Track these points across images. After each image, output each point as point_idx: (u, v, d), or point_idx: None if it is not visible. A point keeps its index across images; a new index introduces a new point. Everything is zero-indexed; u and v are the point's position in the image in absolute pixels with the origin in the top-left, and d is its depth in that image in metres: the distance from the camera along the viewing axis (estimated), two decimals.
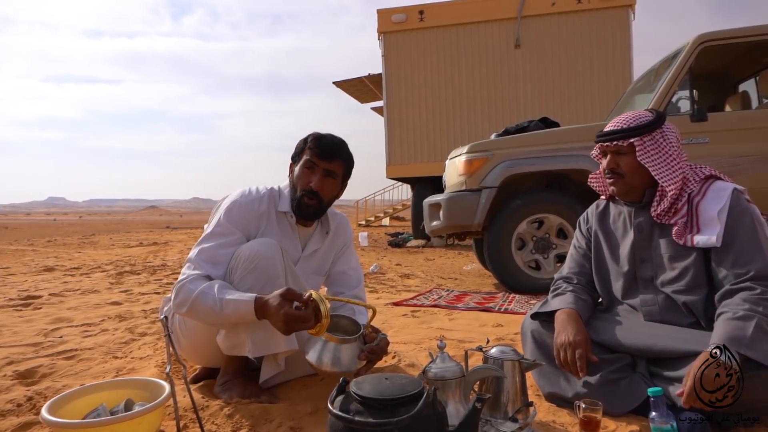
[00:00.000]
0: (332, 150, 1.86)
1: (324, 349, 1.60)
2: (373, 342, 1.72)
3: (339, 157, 1.88)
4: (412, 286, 4.91)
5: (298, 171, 1.89)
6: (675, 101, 4.08)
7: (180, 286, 1.69)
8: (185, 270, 1.73)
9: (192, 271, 1.71)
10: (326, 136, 1.89)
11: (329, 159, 1.86)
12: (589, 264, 1.90)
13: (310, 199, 1.86)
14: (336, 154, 1.87)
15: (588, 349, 1.59)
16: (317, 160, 1.85)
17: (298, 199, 1.87)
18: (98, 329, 2.98)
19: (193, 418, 1.58)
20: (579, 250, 1.94)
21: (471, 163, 4.37)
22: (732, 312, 1.42)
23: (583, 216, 1.97)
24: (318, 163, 1.85)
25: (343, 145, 1.91)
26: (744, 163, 3.79)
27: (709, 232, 1.56)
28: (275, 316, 1.55)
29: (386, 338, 1.81)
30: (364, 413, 1.07)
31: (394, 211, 21.50)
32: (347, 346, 1.61)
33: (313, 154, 1.85)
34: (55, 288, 4.61)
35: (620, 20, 12.12)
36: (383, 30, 13.18)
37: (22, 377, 2.09)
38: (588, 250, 1.91)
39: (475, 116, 12.80)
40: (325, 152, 1.85)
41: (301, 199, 1.86)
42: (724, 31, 3.88)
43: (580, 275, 1.90)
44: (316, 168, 1.85)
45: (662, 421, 1.30)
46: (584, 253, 1.92)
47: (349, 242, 2.14)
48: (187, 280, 1.68)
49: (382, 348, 1.77)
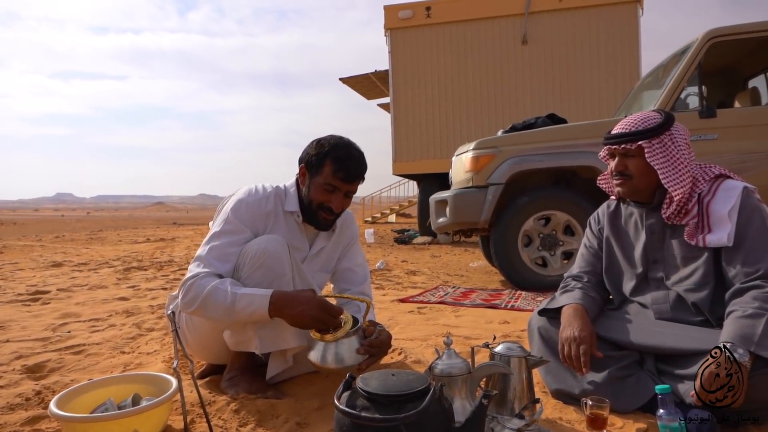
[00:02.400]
0: (357, 173, 1.80)
1: (326, 348, 1.61)
2: (372, 336, 1.72)
3: (361, 177, 1.83)
4: (418, 282, 4.91)
5: (315, 187, 1.81)
6: (684, 98, 4.05)
7: (191, 283, 1.66)
8: (193, 268, 1.71)
9: (201, 269, 1.69)
10: (351, 157, 1.79)
11: (352, 182, 1.81)
12: (599, 263, 1.90)
13: (328, 215, 1.83)
14: (359, 176, 1.82)
15: (593, 345, 1.58)
16: (340, 184, 1.79)
17: (314, 213, 1.84)
18: (106, 324, 3.00)
19: (200, 413, 1.58)
20: (590, 250, 1.93)
21: (478, 159, 4.36)
22: (741, 310, 1.42)
23: (593, 216, 1.97)
24: (340, 187, 1.80)
25: (364, 164, 1.83)
26: (753, 159, 3.76)
27: (720, 231, 1.55)
28: (305, 303, 1.57)
29: (385, 330, 1.80)
30: (370, 409, 1.07)
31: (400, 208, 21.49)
32: (347, 342, 1.62)
33: (337, 178, 1.77)
34: (63, 283, 4.64)
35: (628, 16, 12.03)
36: (390, 26, 13.14)
37: (31, 372, 2.11)
38: (599, 250, 1.90)
39: (482, 113, 12.76)
40: (349, 176, 1.78)
41: (318, 213, 1.83)
42: (733, 26, 3.85)
43: (591, 274, 1.89)
44: (337, 190, 1.80)
45: (670, 418, 1.30)
46: (595, 253, 1.91)
47: (355, 238, 2.13)
48: (198, 277, 1.66)
49: (383, 341, 1.75)
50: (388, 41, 13.25)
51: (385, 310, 3.40)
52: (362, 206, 22.14)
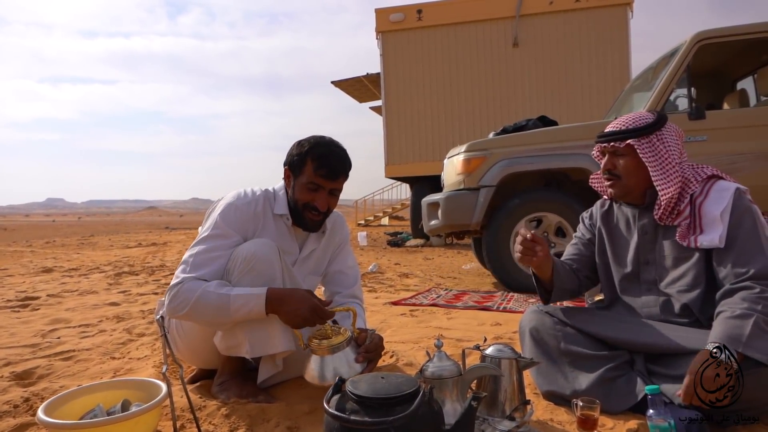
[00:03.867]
0: (339, 170, 1.79)
1: (323, 366, 1.61)
2: (365, 341, 1.72)
3: (344, 174, 1.82)
4: (410, 285, 4.91)
5: (299, 187, 1.81)
6: (673, 99, 4.08)
7: (177, 289, 1.64)
8: (179, 273, 1.69)
9: (187, 273, 1.67)
10: (331, 154, 1.78)
11: (335, 179, 1.80)
12: (588, 252, 1.91)
13: (315, 215, 1.82)
14: (342, 173, 1.81)
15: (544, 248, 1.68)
16: (322, 181, 1.78)
17: (300, 213, 1.83)
18: (96, 330, 2.98)
19: (190, 419, 1.57)
20: (581, 240, 1.95)
21: (469, 161, 4.37)
22: (731, 311, 1.42)
23: (586, 212, 1.98)
24: (324, 185, 1.79)
25: (347, 160, 1.82)
26: (742, 160, 3.79)
27: (712, 233, 1.56)
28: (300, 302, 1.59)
29: (375, 333, 1.80)
30: (360, 412, 1.07)
31: (393, 211, 21.51)
32: (342, 356, 1.63)
33: (319, 176, 1.77)
34: (53, 289, 4.61)
35: (618, 18, 12.12)
36: (381, 29, 13.18)
37: (20, 378, 2.09)
38: (590, 243, 1.92)
39: (474, 115, 12.81)
40: (331, 173, 1.78)
41: (305, 214, 1.82)
42: (722, 28, 3.88)
43: (578, 263, 1.92)
44: (321, 189, 1.79)
45: (660, 419, 1.30)
46: (585, 243, 1.93)
47: (345, 240, 2.11)
48: (184, 283, 1.65)
49: (377, 344, 1.76)
50: (379, 44, 13.29)
51: (377, 312, 3.40)
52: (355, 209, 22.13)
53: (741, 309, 1.41)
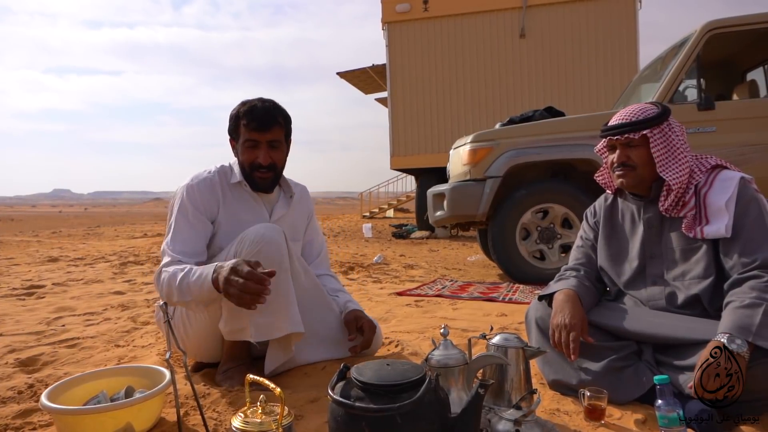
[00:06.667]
0: (267, 119, 1.82)
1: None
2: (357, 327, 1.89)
3: (276, 123, 1.84)
4: (415, 276, 4.89)
5: (241, 149, 1.86)
6: (682, 90, 4.04)
7: (155, 276, 1.75)
8: (163, 261, 1.77)
9: (166, 259, 1.76)
10: (256, 106, 1.83)
11: (267, 129, 1.82)
12: (596, 255, 1.88)
13: (264, 173, 1.86)
14: (272, 122, 1.83)
15: (584, 330, 1.59)
16: (256, 135, 1.82)
17: (250, 176, 1.87)
18: (101, 318, 2.98)
19: (194, 406, 1.57)
20: (586, 242, 1.92)
21: (475, 152, 4.34)
22: (739, 301, 1.41)
23: (590, 209, 1.95)
24: (259, 139, 1.83)
25: (276, 109, 1.86)
26: (751, 152, 3.75)
27: (718, 222, 1.54)
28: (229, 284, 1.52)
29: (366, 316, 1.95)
30: (364, 399, 1.05)
31: (398, 203, 21.47)
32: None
33: (250, 130, 1.82)
34: (59, 278, 4.62)
35: (627, 9, 12.01)
36: (387, 20, 13.11)
37: (24, 365, 2.09)
38: (595, 243, 1.89)
39: (480, 106, 12.74)
40: (261, 124, 1.81)
41: (253, 174, 1.87)
42: (732, 18, 3.83)
43: (587, 266, 1.88)
44: (258, 143, 1.84)
45: (668, 409, 1.28)
46: (591, 245, 1.90)
47: (312, 213, 2.19)
48: (161, 270, 1.73)
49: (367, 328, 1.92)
50: (385, 35, 13.22)
51: (382, 303, 3.39)
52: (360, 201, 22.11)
53: (750, 298, 1.40)
